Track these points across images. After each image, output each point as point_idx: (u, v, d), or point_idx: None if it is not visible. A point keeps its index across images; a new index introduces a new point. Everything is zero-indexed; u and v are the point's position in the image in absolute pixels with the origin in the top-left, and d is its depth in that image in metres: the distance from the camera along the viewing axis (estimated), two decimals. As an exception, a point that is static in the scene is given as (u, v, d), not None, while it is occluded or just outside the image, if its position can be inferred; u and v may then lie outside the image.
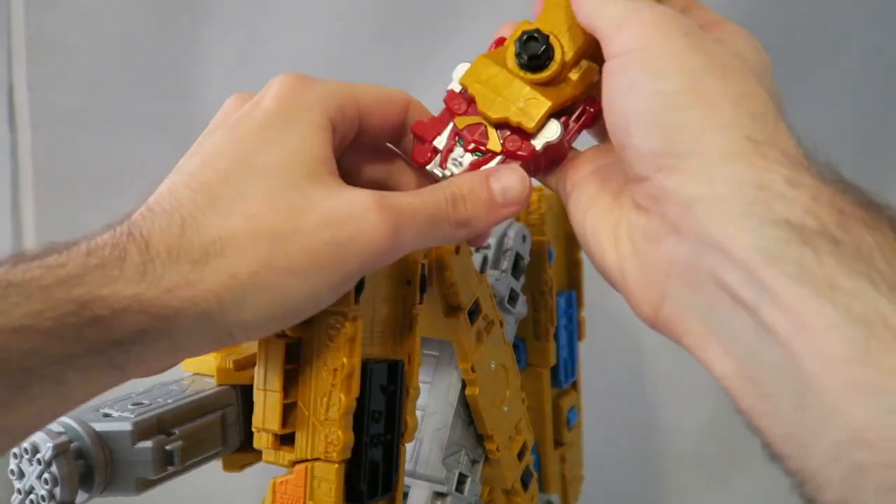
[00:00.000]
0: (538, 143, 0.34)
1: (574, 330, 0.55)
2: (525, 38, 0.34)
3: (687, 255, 0.28)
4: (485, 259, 0.48)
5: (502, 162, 0.34)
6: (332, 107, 0.33)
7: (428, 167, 0.35)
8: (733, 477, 0.80)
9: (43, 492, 0.34)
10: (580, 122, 0.35)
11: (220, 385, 0.41)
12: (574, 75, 0.34)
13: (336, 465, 0.34)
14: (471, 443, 0.45)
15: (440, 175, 0.35)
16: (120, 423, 0.36)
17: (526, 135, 0.34)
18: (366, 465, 0.35)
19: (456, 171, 0.35)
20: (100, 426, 0.36)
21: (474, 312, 0.42)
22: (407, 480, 0.44)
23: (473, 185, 0.34)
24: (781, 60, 0.34)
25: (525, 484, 0.48)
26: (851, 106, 0.77)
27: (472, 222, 0.34)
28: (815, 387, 0.24)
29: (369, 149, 0.36)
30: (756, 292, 0.26)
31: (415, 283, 0.38)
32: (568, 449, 0.56)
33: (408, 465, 0.43)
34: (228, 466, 0.42)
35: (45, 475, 0.34)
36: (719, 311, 0.27)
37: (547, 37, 0.34)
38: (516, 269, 0.48)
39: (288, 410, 0.35)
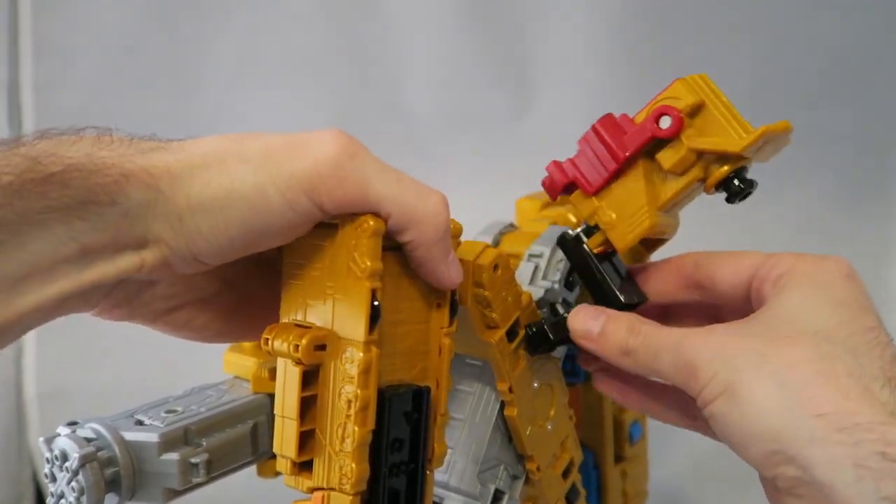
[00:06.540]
0: None
1: (640, 341, 0.52)
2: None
3: None
4: (536, 269, 0.46)
5: None
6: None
7: None
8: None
9: (72, 498, 0.35)
10: None
11: (255, 393, 0.42)
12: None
13: (350, 498, 0.33)
14: (511, 458, 0.44)
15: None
16: (148, 433, 0.37)
17: None
18: (383, 495, 0.34)
19: None
20: (129, 435, 0.37)
21: (513, 331, 0.40)
22: (441, 492, 0.43)
23: None
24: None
25: (571, 502, 0.46)
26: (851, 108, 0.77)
27: None
28: None
29: None
30: None
31: (444, 306, 0.37)
32: (630, 464, 0.54)
33: (442, 477, 0.42)
34: (263, 472, 0.42)
35: (73, 483, 0.35)
36: None
37: None
38: (569, 280, 0.46)
39: (306, 436, 0.34)
